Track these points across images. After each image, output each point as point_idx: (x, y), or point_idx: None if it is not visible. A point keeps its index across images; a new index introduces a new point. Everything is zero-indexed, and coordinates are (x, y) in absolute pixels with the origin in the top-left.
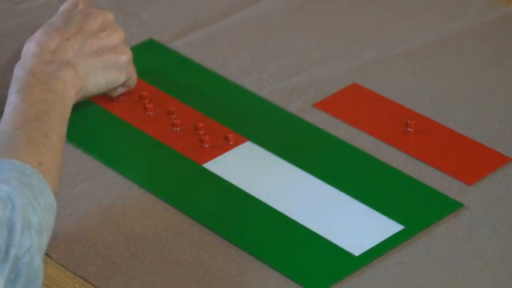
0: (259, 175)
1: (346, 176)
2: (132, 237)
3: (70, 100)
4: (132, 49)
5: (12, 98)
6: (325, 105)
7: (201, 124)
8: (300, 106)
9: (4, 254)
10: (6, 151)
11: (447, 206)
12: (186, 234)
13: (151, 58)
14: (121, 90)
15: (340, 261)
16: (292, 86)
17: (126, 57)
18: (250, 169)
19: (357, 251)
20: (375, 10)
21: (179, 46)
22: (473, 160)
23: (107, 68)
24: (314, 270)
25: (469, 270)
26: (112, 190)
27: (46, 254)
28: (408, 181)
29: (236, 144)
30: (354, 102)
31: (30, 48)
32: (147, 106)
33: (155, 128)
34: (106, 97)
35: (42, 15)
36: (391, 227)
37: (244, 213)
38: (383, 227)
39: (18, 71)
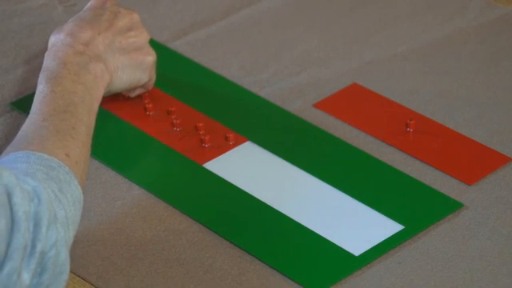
0: (259, 175)
1: (345, 176)
2: (132, 237)
3: (99, 93)
4: None
5: (42, 87)
6: (325, 105)
7: (201, 124)
8: (300, 106)
9: (30, 248)
10: (34, 143)
11: (447, 206)
12: (186, 234)
13: None
14: (139, 91)
15: (340, 261)
16: (292, 86)
17: (151, 58)
18: (250, 169)
19: (357, 251)
20: (375, 10)
21: (179, 46)
22: (473, 160)
23: (133, 66)
24: (314, 270)
25: (469, 269)
26: (112, 190)
27: None
28: (408, 181)
29: (236, 144)
30: (354, 101)
31: (60, 37)
32: (147, 106)
33: (155, 128)
34: (106, 97)
35: (42, 15)
36: (391, 227)
37: (244, 213)
38: (383, 227)
39: (49, 61)
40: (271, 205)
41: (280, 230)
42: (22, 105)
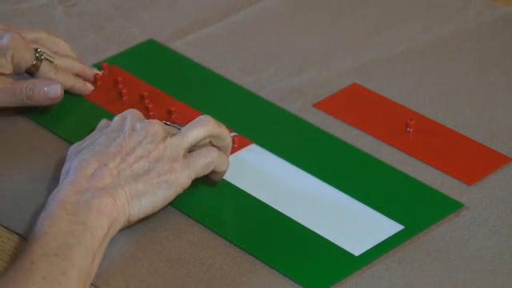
0: (258, 175)
1: (345, 176)
2: (132, 237)
3: (102, 231)
4: (132, 49)
5: (37, 226)
6: (325, 105)
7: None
8: (300, 106)
9: None
10: None
11: (447, 206)
12: (186, 234)
13: (151, 58)
14: (217, 176)
15: (340, 261)
16: (292, 86)
17: (173, 176)
18: (249, 169)
19: (357, 251)
20: (375, 10)
21: (179, 46)
22: (473, 160)
23: (151, 190)
24: (314, 270)
25: (469, 269)
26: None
27: None
28: (408, 181)
29: (240, 147)
30: (354, 101)
31: (66, 169)
32: (148, 105)
33: None
34: (107, 98)
35: (42, 15)
36: (391, 227)
37: (244, 213)
38: (383, 227)
39: (50, 199)
40: (271, 205)
41: (280, 230)
42: None
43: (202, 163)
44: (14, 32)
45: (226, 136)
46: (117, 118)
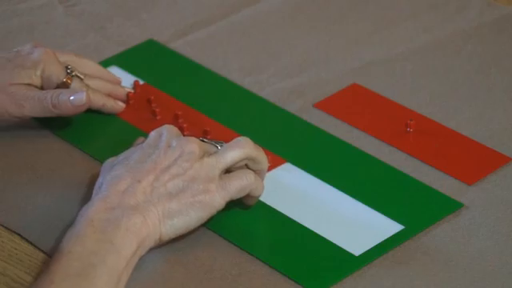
0: None
1: (345, 176)
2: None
3: (130, 250)
4: (132, 49)
5: (62, 244)
6: (325, 105)
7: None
8: (300, 106)
9: None
10: None
11: (447, 206)
12: (186, 234)
13: (151, 58)
14: (251, 201)
15: (340, 261)
16: (292, 86)
17: (208, 196)
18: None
19: (357, 251)
20: (375, 10)
21: (179, 46)
22: (473, 160)
23: (185, 210)
24: (314, 270)
25: (469, 269)
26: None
27: (46, 254)
28: (408, 181)
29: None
30: (354, 101)
31: (98, 183)
32: (182, 125)
33: None
34: (140, 117)
35: (42, 15)
36: (391, 227)
37: (244, 213)
38: (383, 227)
39: (79, 215)
40: (271, 205)
41: (280, 230)
42: None
43: (238, 186)
44: (45, 47)
45: (264, 159)
46: (153, 134)
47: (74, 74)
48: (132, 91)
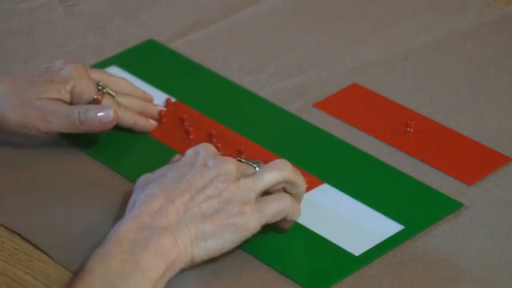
0: None
1: (345, 176)
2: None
3: (156, 272)
4: (132, 49)
5: (88, 262)
6: (325, 105)
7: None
8: (300, 106)
9: None
10: None
11: (447, 206)
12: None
13: (151, 58)
14: (287, 225)
15: (340, 261)
16: (292, 86)
17: (243, 219)
18: None
19: (357, 251)
20: (375, 10)
21: (179, 45)
22: (473, 160)
23: (218, 233)
24: (314, 270)
25: (469, 269)
26: (113, 191)
27: (46, 254)
28: (408, 181)
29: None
30: (354, 101)
31: (132, 201)
32: (217, 144)
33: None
34: (173, 136)
35: (42, 15)
36: (391, 227)
37: None
38: (383, 227)
39: (110, 232)
40: None
41: (280, 230)
42: None
43: (275, 210)
44: (76, 64)
45: (302, 183)
46: (190, 152)
47: (105, 90)
48: (164, 109)
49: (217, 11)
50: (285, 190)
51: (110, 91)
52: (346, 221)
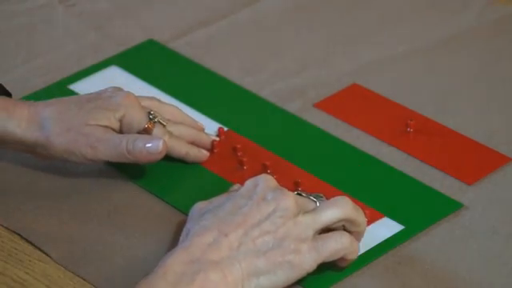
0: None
1: (346, 176)
2: (132, 237)
3: None
4: (132, 49)
5: None
6: (325, 105)
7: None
8: (300, 106)
9: None
10: None
11: (447, 206)
12: None
13: (151, 57)
14: (345, 264)
15: None
16: (292, 86)
17: (298, 257)
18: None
19: None
20: (375, 9)
21: (179, 45)
22: (473, 160)
23: (273, 270)
24: (314, 270)
25: (469, 269)
26: (114, 191)
27: (46, 254)
28: (408, 181)
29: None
30: (354, 102)
31: (187, 233)
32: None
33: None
34: (225, 166)
35: (42, 15)
36: (391, 227)
37: None
38: (383, 227)
39: (161, 261)
40: None
41: None
42: None
43: (332, 249)
44: (127, 92)
45: (362, 222)
46: (248, 183)
47: (156, 120)
48: (217, 139)
49: (217, 11)
50: (344, 228)
51: (161, 120)
52: None
